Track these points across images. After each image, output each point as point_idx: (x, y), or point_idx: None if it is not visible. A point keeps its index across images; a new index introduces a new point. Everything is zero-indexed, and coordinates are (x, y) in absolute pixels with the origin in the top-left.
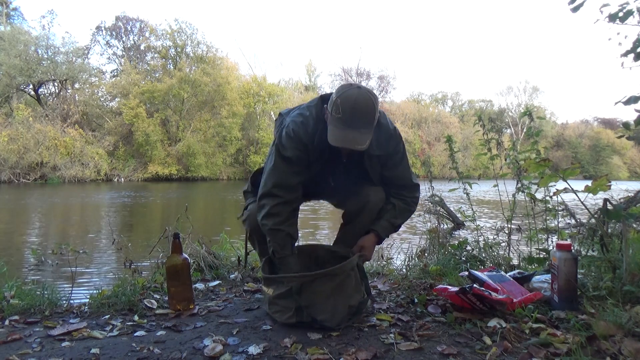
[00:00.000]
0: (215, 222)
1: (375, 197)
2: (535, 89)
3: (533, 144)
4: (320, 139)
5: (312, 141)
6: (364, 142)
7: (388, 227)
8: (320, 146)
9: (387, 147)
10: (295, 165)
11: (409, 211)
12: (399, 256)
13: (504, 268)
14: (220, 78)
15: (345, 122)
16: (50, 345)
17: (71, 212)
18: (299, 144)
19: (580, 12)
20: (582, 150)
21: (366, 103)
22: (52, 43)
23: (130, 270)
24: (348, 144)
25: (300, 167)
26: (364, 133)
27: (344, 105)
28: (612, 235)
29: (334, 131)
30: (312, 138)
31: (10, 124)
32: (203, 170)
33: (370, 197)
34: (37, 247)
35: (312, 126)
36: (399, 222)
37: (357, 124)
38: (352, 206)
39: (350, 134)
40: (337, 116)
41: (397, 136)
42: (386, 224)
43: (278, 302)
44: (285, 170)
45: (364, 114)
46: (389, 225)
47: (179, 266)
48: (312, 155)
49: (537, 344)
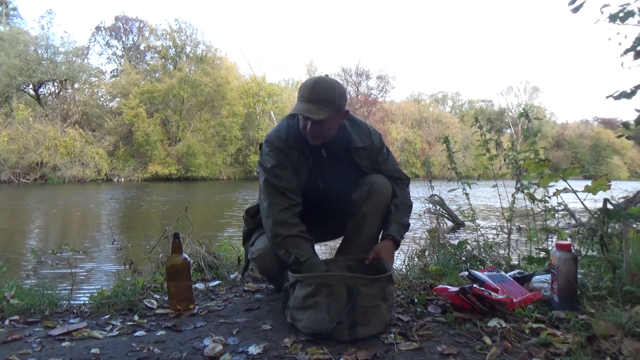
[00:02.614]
0: (215, 222)
1: (380, 179)
2: (535, 89)
3: (531, 144)
4: (295, 140)
5: (287, 144)
6: (319, 114)
7: (400, 228)
8: (297, 147)
9: (371, 139)
10: (277, 171)
11: (409, 206)
12: (399, 256)
13: (504, 268)
14: (220, 78)
15: (302, 96)
16: (50, 345)
17: (71, 212)
18: (276, 151)
19: (580, 12)
20: (582, 150)
21: (324, 83)
22: (51, 43)
23: (130, 270)
24: (302, 111)
25: (287, 172)
26: (320, 107)
27: (304, 84)
28: (612, 235)
29: (294, 106)
30: (287, 142)
31: (10, 124)
32: (203, 170)
33: (375, 178)
34: (37, 247)
35: (285, 132)
36: (407, 221)
37: (313, 99)
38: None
39: (305, 106)
40: (299, 95)
41: (377, 133)
42: (398, 226)
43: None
44: (274, 175)
45: (320, 90)
46: (401, 227)
47: (179, 266)
48: (291, 158)
49: (537, 344)
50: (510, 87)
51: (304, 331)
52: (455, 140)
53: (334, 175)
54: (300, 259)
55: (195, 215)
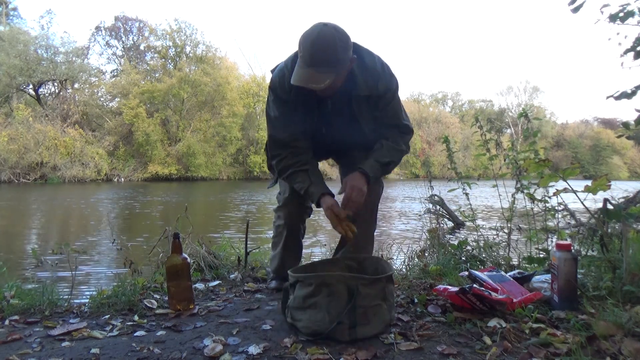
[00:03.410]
0: (215, 222)
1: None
2: (535, 89)
3: (531, 144)
4: (298, 92)
5: (289, 95)
6: (322, 82)
7: (375, 165)
8: (300, 98)
9: (377, 88)
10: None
11: (398, 150)
12: (399, 256)
13: (504, 268)
14: (220, 78)
15: (303, 59)
16: (50, 345)
17: (71, 212)
18: (279, 101)
19: (580, 12)
20: (582, 150)
21: (327, 40)
22: (51, 43)
23: (130, 270)
24: (304, 82)
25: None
26: (323, 72)
27: (304, 42)
28: (612, 235)
29: (295, 70)
30: (289, 92)
31: (10, 124)
32: (203, 170)
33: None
34: (37, 248)
35: (288, 81)
36: (387, 161)
37: (315, 62)
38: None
39: (307, 72)
40: (300, 55)
41: (388, 75)
42: (374, 163)
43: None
44: (277, 127)
45: (322, 51)
46: (376, 164)
47: (179, 266)
48: (295, 107)
49: (537, 344)
50: (510, 87)
51: (304, 331)
52: (455, 140)
53: (338, 122)
54: (300, 191)
55: (195, 215)
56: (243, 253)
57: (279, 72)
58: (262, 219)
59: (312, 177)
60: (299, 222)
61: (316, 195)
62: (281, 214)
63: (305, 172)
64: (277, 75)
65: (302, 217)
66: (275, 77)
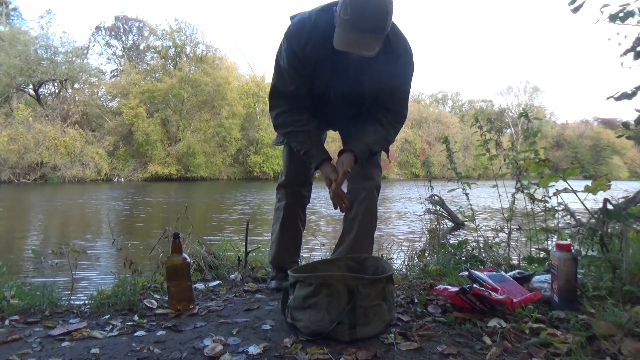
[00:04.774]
0: (215, 222)
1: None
2: (535, 89)
3: (531, 144)
4: (315, 46)
5: (304, 51)
6: (373, 48)
7: (365, 151)
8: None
9: (396, 65)
10: (288, 74)
11: (387, 141)
12: (399, 256)
13: (504, 268)
14: (220, 78)
15: (352, 24)
16: (50, 345)
17: (71, 212)
18: (292, 54)
19: (580, 12)
20: (582, 150)
21: (379, 5)
22: (51, 43)
23: (130, 270)
24: (352, 47)
25: (294, 77)
26: (373, 38)
27: (353, 5)
28: (612, 235)
29: (341, 34)
30: (304, 49)
31: (10, 124)
32: (203, 170)
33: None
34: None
35: (307, 35)
36: (376, 150)
37: (366, 27)
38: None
39: (355, 37)
40: (345, 17)
41: (409, 56)
42: (364, 147)
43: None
44: (283, 78)
45: (374, 15)
46: (367, 150)
47: (179, 266)
48: (306, 65)
49: (537, 344)
50: (510, 87)
51: (304, 331)
52: (455, 140)
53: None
54: (300, 152)
55: (195, 215)
56: (243, 253)
57: (299, 23)
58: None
59: (313, 139)
60: (297, 207)
61: (317, 159)
62: (281, 195)
63: (306, 133)
64: (296, 25)
65: (302, 201)
66: (293, 27)
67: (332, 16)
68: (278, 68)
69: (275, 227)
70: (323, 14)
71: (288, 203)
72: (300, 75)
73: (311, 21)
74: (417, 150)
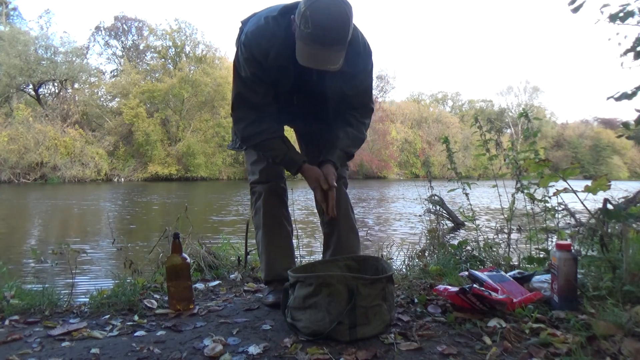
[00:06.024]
0: (215, 222)
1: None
2: (535, 89)
3: (531, 144)
4: (277, 54)
5: (266, 58)
6: (337, 62)
7: (342, 156)
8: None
9: (357, 64)
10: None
11: (360, 140)
12: (399, 256)
13: (504, 268)
14: (220, 78)
15: (314, 38)
16: (50, 345)
17: (71, 212)
18: (253, 61)
19: (580, 12)
20: (582, 150)
21: (340, 15)
22: (51, 43)
23: (130, 270)
24: (320, 64)
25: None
26: (337, 50)
27: (314, 19)
28: (612, 235)
29: (303, 49)
30: (266, 55)
31: (10, 124)
32: (203, 170)
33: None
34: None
35: (267, 41)
36: (353, 151)
37: (329, 41)
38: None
39: (319, 52)
40: (307, 31)
41: (368, 53)
42: (341, 153)
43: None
44: (247, 88)
45: (336, 27)
46: (342, 154)
47: (179, 266)
48: (269, 73)
49: (537, 344)
50: (510, 87)
51: (304, 331)
52: (455, 140)
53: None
54: (276, 159)
55: (196, 215)
56: (243, 253)
57: (257, 31)
58: None
59: (288, 144)
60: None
61: (297, 164)
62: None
63: (280, 139)
64: (254, 33)
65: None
66: (251, 35)
67: (289, 23)
68: (239, 78)
69: (258, 235)
70: (281, 20)
71: (266, 197)
72: (264, 83)
73: (269, 29)
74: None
